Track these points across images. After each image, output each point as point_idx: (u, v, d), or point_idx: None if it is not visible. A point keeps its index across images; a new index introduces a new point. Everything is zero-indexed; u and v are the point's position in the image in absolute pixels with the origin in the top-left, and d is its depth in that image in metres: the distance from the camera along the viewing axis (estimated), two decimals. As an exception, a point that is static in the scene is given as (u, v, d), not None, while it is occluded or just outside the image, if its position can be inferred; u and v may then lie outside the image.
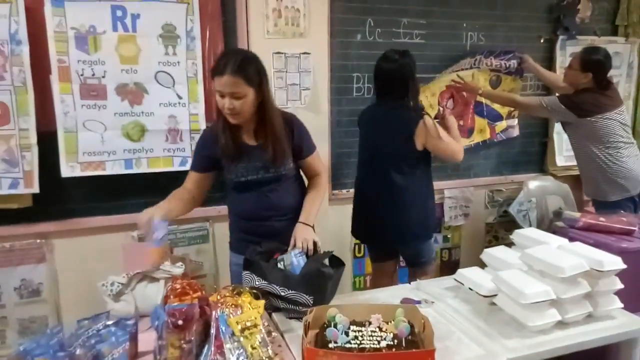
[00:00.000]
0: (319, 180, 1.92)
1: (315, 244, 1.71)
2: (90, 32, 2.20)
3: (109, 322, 1.41)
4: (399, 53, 2.18)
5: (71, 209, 2.32)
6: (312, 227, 1.80)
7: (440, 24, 2.90)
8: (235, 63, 1.62)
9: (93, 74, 2.23)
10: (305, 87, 2.58)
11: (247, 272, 1.64)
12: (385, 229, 2.25)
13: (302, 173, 1.96)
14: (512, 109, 3.13)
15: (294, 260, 1.62)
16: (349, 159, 2.85)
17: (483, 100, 3.02)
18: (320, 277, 1.57)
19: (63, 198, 2.30)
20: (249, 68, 1.65)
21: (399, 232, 2.23)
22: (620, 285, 1.60)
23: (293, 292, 1.56)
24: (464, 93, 2.98)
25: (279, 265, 1.65)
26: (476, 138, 3.09)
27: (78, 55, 2.19)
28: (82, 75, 2.21)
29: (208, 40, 2.39)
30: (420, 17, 2.86)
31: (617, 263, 1.59)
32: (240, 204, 1.88)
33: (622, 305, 1.62)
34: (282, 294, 1.58)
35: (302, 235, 1.71)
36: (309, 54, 2.56)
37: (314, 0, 2.51)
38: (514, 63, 3.04)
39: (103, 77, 2.24)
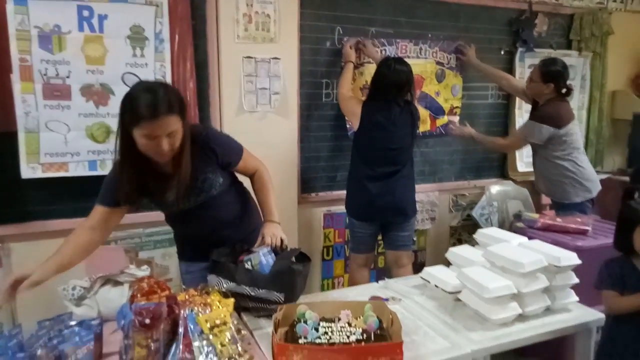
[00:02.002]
0: (261, 175, 1.83)
1: (282, 241, 1.71)
2: (55, 31, 2.15)
3: (72, 323, 1.37)
4: (402, 62, 2.49)
5: (31, 211, 2.24)
6: (279, 223, 1.78)
7: (406, 33, 2.99)
8: (165, 100, 1.43)
9: (57, 74, 2.18)
10: (275, 91, 2.60)
11: (213, 275, 1.62)
12: (392, 205, 2.53)
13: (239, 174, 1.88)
14: (456, 106, 3.23)
15: (262, 259, 1.62)
16: (317, 163, 2.88)
17: (428, 91, 3.12)
18: (290, 274, 1.58)
19: (22, 200, 2.22)
20: (176, 99, 1.48)
21: (405, 206, 2.57)
22: (575, 280, 1.68)
23: (263, 290, 1.56)
24: (456, 134, 3.13)
25: (246, 265, 1.64)
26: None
27: (41, 54, 2.14)
28: (45, 75, 2.16)
29: (177, 43, 2.38)
30: (388, 26, 2.94)
31: (573, 259, 1.67)
32: (181, 228, 1.83)
33: (577, 298, 1.70)
34: (252, 293, 1.57)
35: (271, 231, 1.71)
36: (278, 59, 2.58)
37: (285, 6, 2.55)
38: (453, 57, 3.16)
39: (67, 77, 2.19)
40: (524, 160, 3.46)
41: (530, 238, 1.95)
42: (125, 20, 2.26)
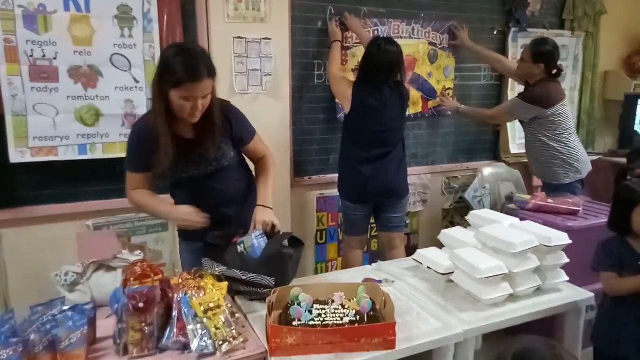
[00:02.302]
0: (266, 161, 1.88)
1: (274, 226, 1.71)
2: (40, 10, 2.10)
3: (65, 308, 1.37)
4: (392, 42, 2.45)
5: (21, 196, 2.21)
6: (271, 209, 1.78)
7: (399, 13, 2.95)
8: (205, 64, 1.56)
9: (43, 55, 2.12)
10: (266, 72, 2.56)
11: (207, 259, 1.63)
12: (385, 187, 2.53)
13: (246, 158, 1.93)
14: (448, 87, 3.20)
15: (254, 242, 1.62)
16: (310, 146, 2.87)
17: (420, 73, 3.09)
18: (280, 258, 1.59)
19: (12, 185, 2.18)
20: (211, 62, 1.61)
21: (398, 187, 2.59)
22: (566, 260, 1.70)
23: (254, 275, 1.57)
24: (444, 107, 3.14)
25: (239, 248, 1.64)
26: (409, 110, 3.02)
27: (27, 35, 2.08)
28: (31, 56, 2.11)
29: (166, 23, 2.33)
30: (380, 6, 2.89)
31: (563, 239, 1.69)
32: (184, 197, 1.82)
33: (567, 278, 1.73)
34: (243, 277, 1.58)
35: (262, 217, 1.71)
36: (270, 39, 2.54)
37: (275, -15, 2.50)
38: (446, 38, 3.13)
39: (54, 58, 2.14)
40: (516, 142, 3.46)
41: (522, 219, 1.97)
42: None
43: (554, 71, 2.77)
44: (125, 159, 1.76)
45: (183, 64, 1.52)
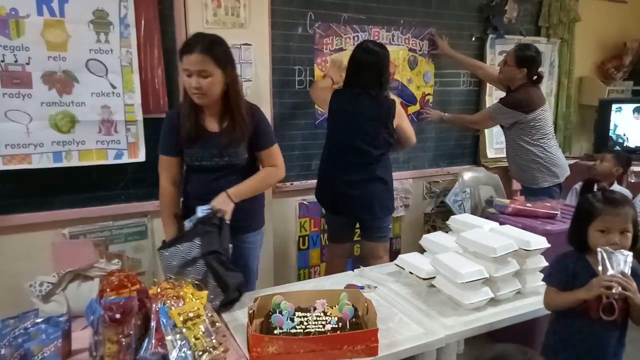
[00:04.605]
0: (270, 169, 1.93)
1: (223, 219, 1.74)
2: (12, 15, 2.04)
3: (38, 320, 1.32)
4: (378, 45, 2.41)
5: (-8, 205, 2.15)
6: (236, 203, 1.80)
7: (378, 19, 2.97)
8: (204, 43, 1.69)
9: (16, 61, 2.07)
10: (246, 78, 2.54)
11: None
12: (359, 201, 2.42)
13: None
14: (428, 93, 3.23)
15: (199, 213, 1.73)
16: (291, 151, 2.85)
17: (400, 79, 3.11)
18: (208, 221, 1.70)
19: (-18, 194, 2.13)
20: (217, 49, 1.72)
21: (371, 204, 2.44)
22: (545, 263, 1.72)
23: (187, 244, 1.67)
24: (429, 118, 3.17)
25: (186, 225, 1.75)
26: None
27: (-2, 39, 2.03)
28: (2, 61, 2.04)
29: (144, 28, 2.29)
30: (360, 12, 2.91)
31: (542, 243, 1.72)
32: (190, 183, 1.93)
33: (546, 281, 1.74)
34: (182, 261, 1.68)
35: (220, 205, 1.74)
36: (249, 45, 2.53)
37: (254, -9, 2.49)
38: (425, 44, 3.16)
39: (27, 64, 2.09)
40: (493, 146, 3.51)
41: (501, 223, 1.99)
42: (87, 4, 2.15)
43: (535, 77, 2.82)
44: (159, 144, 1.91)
45: (186, 40, 1.73)
